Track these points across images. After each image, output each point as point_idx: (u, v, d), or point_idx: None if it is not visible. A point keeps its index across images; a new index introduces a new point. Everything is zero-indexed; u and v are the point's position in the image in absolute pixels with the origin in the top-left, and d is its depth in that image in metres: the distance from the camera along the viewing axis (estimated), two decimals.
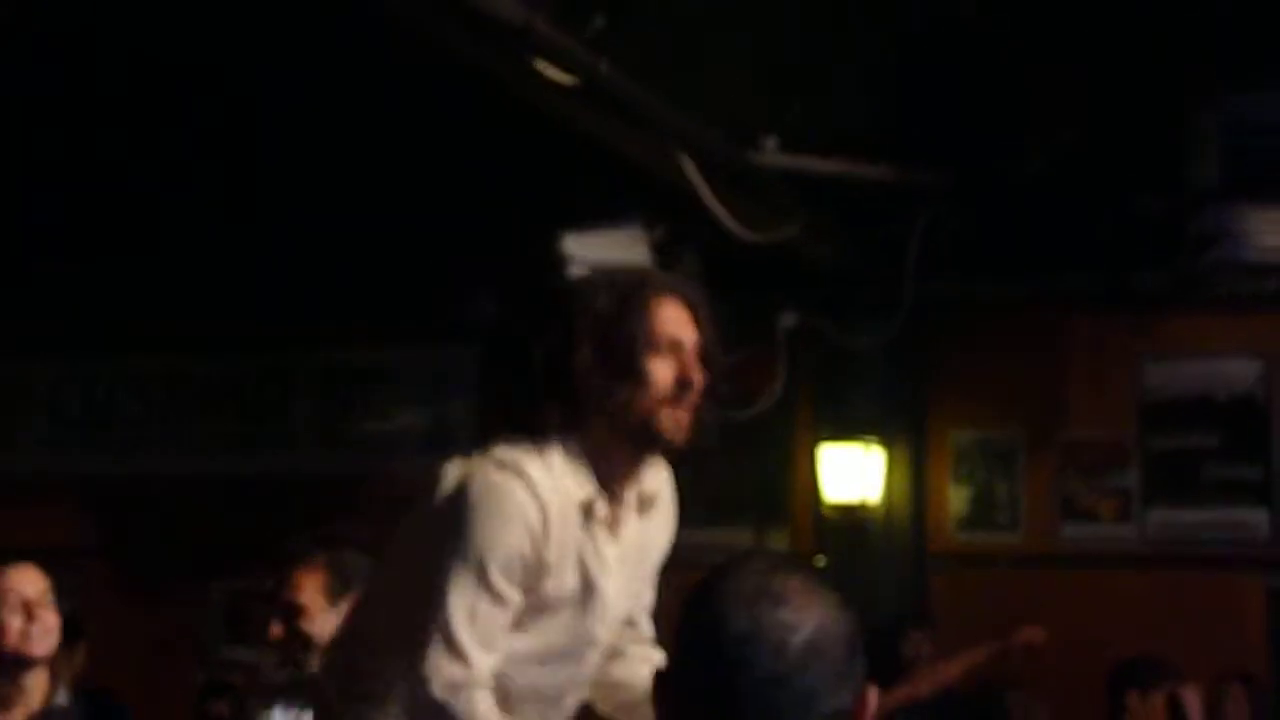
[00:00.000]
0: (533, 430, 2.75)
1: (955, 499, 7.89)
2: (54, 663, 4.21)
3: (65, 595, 4.37)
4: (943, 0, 5.72)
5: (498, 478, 2.67)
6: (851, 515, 7.66)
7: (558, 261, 5.87)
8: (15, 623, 4.09)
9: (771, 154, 5.81)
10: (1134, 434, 7.63)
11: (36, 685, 4.14)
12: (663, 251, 6.07)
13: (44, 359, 9.56)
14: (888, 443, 7.72)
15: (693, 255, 6.20)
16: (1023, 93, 6.06)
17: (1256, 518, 7.44)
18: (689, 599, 1.81)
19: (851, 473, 7.64)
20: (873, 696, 1.77)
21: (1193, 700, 5.78)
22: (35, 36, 5.62)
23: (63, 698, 4.21)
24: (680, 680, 1.79)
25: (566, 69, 4.58)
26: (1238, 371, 7.57)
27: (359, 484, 8.50)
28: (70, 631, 4.34)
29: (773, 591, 1.74)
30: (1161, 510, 7.59)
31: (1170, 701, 5.67)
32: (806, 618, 1.72)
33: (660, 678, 1.83)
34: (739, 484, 8.01)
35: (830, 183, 6.25)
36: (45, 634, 4.13)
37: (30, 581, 4.18)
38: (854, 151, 6.22)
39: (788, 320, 7.28)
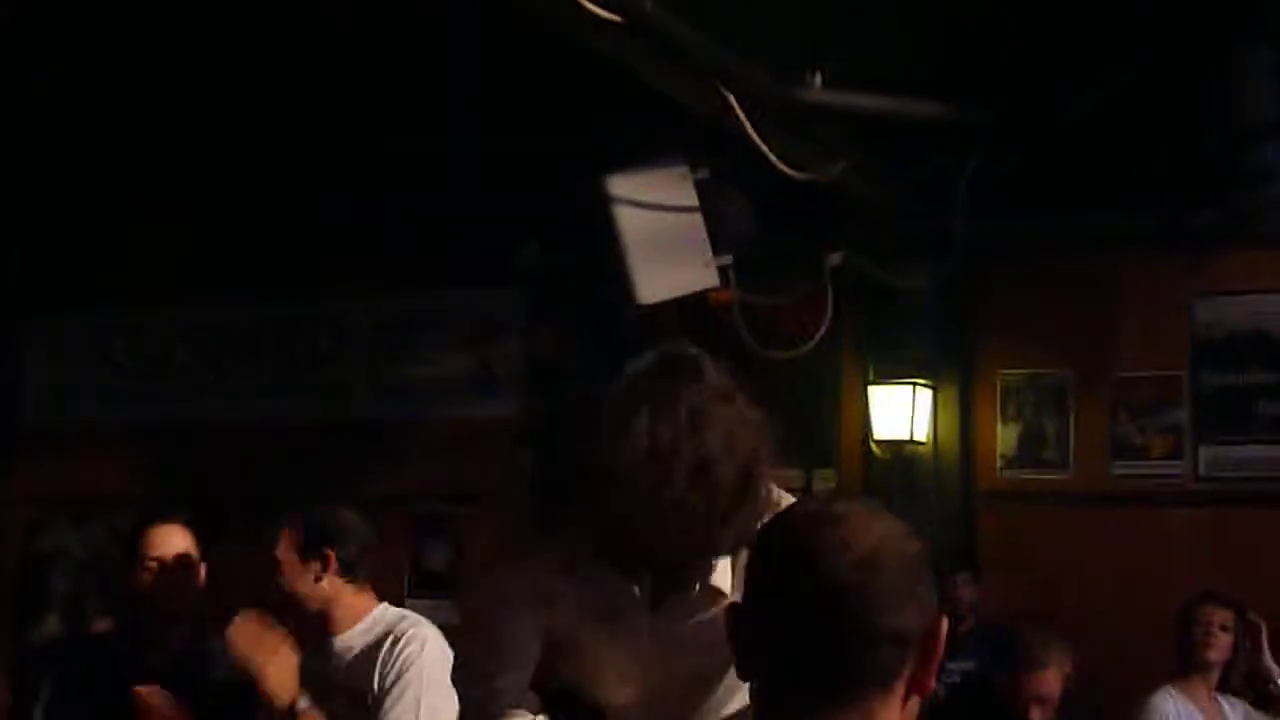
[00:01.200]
0: None
1: (1004, 437, 7.84)
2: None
3: None
4: None
5: None
6: (899, 454, 7.65)
7: (603, 203, 5.86)
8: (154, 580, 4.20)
9: (817, 91, 5.75)
10: (1186, 372, 7.56)
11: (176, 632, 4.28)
12: (710, 193, 6.02)
13: (98, 310, 9.62)
14: (936, 382, 7.72)
15: (738, 195, 6.17)
16: (1074, 29, 5.97)
17: None
18: (761, 533, 1.88)
19: (899, 412, 7.63)
20: (943, 624, 1.79)
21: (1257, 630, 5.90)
22: None
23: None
24: (749, 605, 1.83)
25: (611, 6, 4.55)
26: None
27: (408, 429, 8.56)
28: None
29: (830, 515, 1.78)
30: (1212, 447, 7.51)
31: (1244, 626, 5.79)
32: (864, 536, 1.75)
33: (732, 607, 1.86)
34: (787, 423, 7.97)
35: (878, 121, 6.20)
36: (188, 591, 4.26)
37: (174, 543, 4.29)
38: (902, 89, 6.15)
39: (834, 260, 7.22)
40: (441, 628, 4.28)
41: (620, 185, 5.74)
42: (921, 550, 1.80)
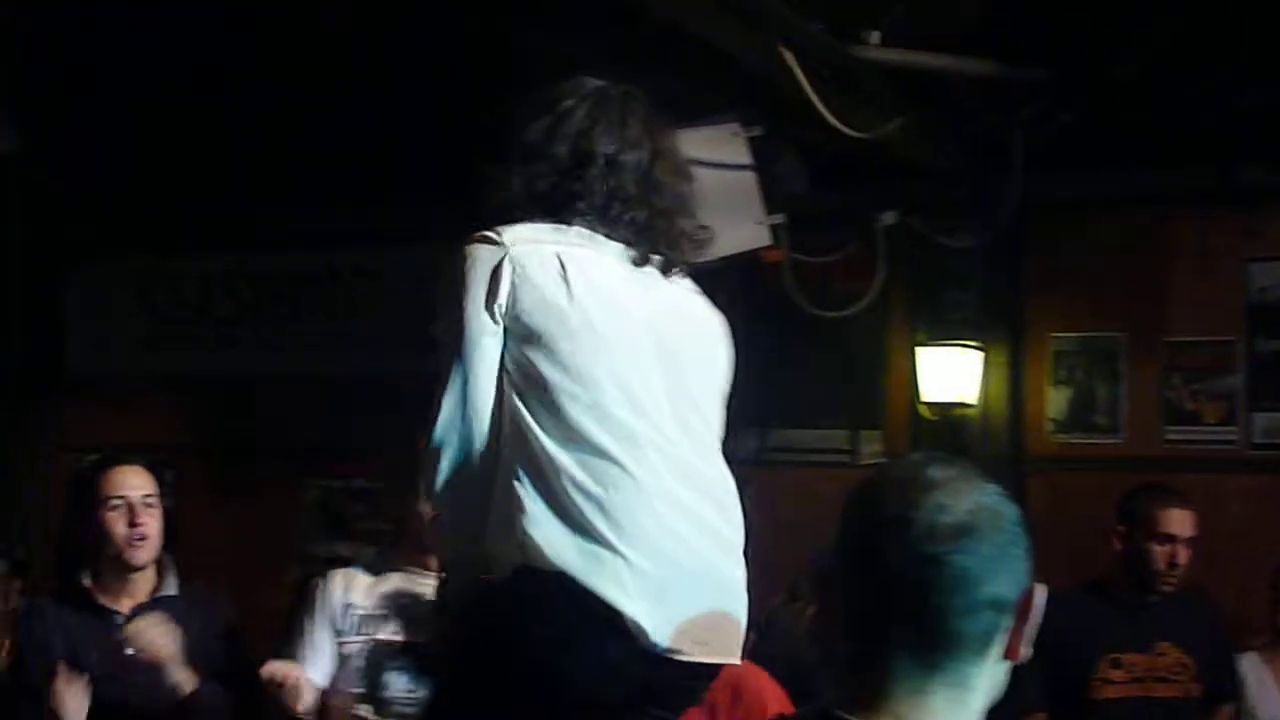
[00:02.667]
0: None
1: (1054, 401, 7.73)
2: (160, 557, 4.25)
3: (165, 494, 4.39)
4: None
5: None
6: (948, 416, 7.55)
7: None
8: (120, 529, 4.10)
9: (875, 49, 5.64)
10: (1240, 337, 7.43)
11: (144, 578, 4.19)
12: (763, 152, 5.94)
13: (137, 259, 9.58)
14: (985, 343, 7.59)
15: (792, 155, 6.09)
16: None
17: None
18: (850, 492, 1.84)
19: (948, 373, 7.53)
20: (1038, 593, 1.77)
21: None
22: None
23: (171, 587, 4.27)
24: (840, 567, 1.81)
25: None
26: None
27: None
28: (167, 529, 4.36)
29: (926, 478, 1.76)
30: (1267, 414, 7.39)
31: None
32: (961, 501, 1.73)
33: (820, 568, 1.85)
34: (835, 384, 7.92)
35: (932, 79, 6.09)
36: (150, 539, 4.16)
37: (138, 484, 4.19)
38: (955, 48, 6.04)
39: (886, 219, 7.13)
40: None
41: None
42: (1018, 514, 1.78)
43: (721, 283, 5.96)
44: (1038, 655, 1.83)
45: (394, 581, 4.25)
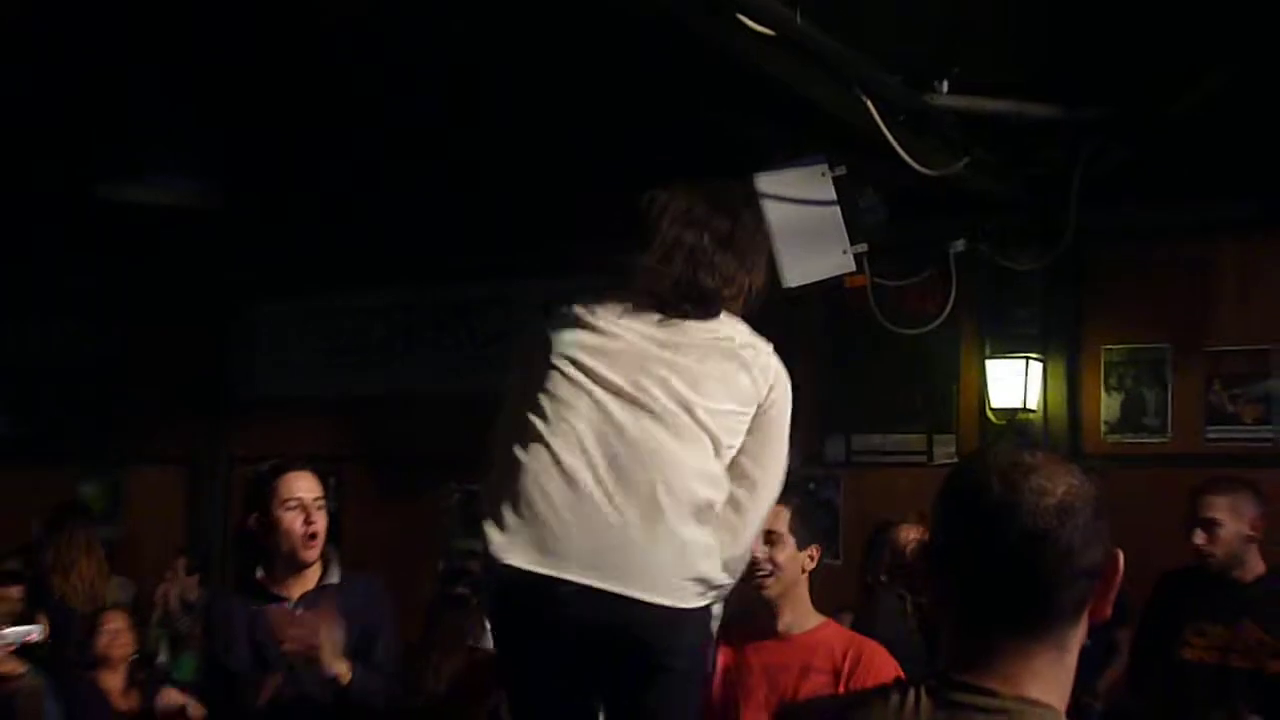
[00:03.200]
0: None
1: (1107, 406, 7.68)
2: (325, 550, 4.26)
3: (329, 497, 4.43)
4: None
5: None
6: (1012, 421, 7.51)
7: (749, 196, 5.77)
8: (297, 527, 4.13)
9: (945, 96, 5.65)
10: (1275, 345, 7.35)
11: (312, 570, 4.20)
12: (846, 189, 5.94)
13: (310, 295, 9.76)
14: (1046, 356, 7.58)
15: (873, 192, 6.07)
16: (1177, 30, 5.76)
17: None
18: (949, 476, 1.81)
19: (1013, 383, 7.51)
20: (1120, 557, 1.75)
21: None
22: None
23: (335, 577, 4.27)
24: (947, 547, 1.78)
25: (765, 21, 4.48)
26: None
27: None
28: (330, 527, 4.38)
29: (1025, 463, 1.73)
30: None
31: None
32: (1057, 483, 1.71)
33: (926, 549, 1.83)
34: (912, 393, 7.91)
35: (997, 121, 6.06)
36: (320, 536, 4.18)
37: (309, 488, 4.22)
38: (1018, 92, 6.01)
39: (957, 246, 7.11)
40: None
41: (767, 183, 5.71)
42: (1101, 492, 1.75)
43: (813, 303, 6.03)
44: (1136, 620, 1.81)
45: None
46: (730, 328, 3.17)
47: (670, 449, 3.00)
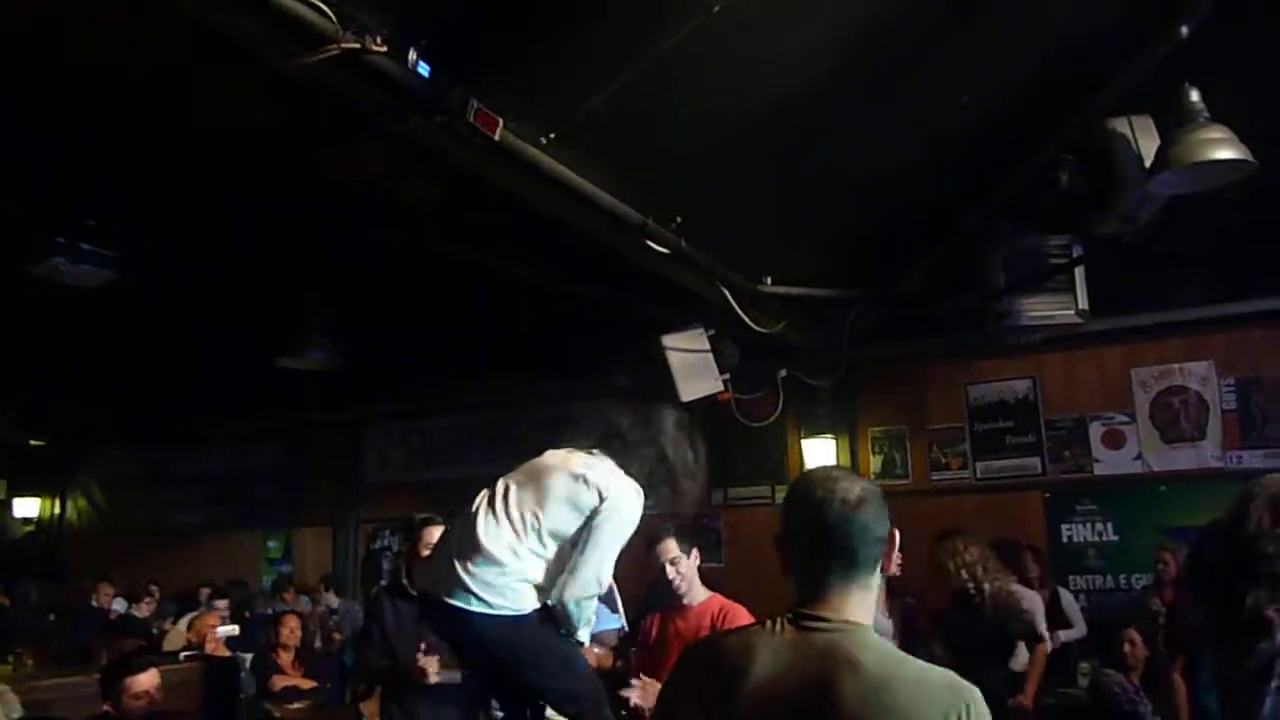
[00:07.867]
0: None
1: (874, 462, 7.43)
2: None
3: None
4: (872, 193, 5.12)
5: None
6: None
7: (659, 349, 5.60)
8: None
9: (770, 286, 5.40)
10: (965, 423, 7.16)
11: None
12: (715, 343, 5.68)
13: (405, 418, 9.29)
14: (836, 435, 7.37)
15: (730, 343, 5.79)
16: (903, 241, 5.52)
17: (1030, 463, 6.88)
18: (790, 488, 1.66)
19: (820, 452, 7.31)
20: (897, 533, 1.62)
21: None
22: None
23: None
24: (791, 529, 1.63)
25: (665, 243, 4.19)
26: (1019, 387, 7.08)
27: None
28: None
29: (834, 474, 1.63)
30: (983, 462, 7.10)
31: None
32: (854, 485, 1.60)
33: (777, 537, 1.64)
34: (761, 461, 7.58)
35: (802, 299, 5.81)
36: None
37: (438, 533, 3.71)
38: (811, 282, 5.76)
39: (781, 374, 6.85)
40: None
41: (668, 340, 5.55)
42: (881, 491, 1.64)
43: (696, 412, 5.65)
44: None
45: None
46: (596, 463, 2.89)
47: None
